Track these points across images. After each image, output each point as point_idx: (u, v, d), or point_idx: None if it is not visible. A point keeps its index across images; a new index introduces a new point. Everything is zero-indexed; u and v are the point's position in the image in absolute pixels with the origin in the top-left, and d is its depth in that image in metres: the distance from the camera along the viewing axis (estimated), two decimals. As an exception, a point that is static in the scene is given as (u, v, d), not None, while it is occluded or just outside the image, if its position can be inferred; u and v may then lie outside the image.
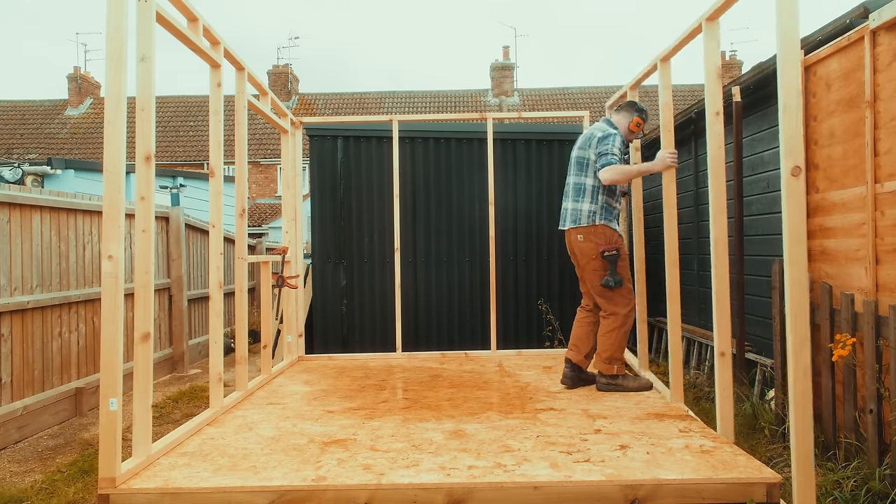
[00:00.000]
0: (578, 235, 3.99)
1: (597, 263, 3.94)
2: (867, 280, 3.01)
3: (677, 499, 2.44)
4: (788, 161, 2.27)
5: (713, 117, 2.98)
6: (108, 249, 2.49)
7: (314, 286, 5.95)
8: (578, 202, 3.99)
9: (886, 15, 2.87)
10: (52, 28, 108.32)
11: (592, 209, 3.94)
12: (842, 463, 2.96)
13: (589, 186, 3.96)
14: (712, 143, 2.95)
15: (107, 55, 2.50)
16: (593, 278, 3.96)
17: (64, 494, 3.08)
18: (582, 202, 3.97)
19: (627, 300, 3.95)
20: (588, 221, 3.94)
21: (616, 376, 3.92)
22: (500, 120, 6.13)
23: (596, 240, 3.94)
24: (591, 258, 3.95)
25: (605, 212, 3.96)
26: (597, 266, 3.94)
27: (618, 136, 3.92)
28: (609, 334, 3.94)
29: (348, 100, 24.47)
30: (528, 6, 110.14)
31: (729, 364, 2.98)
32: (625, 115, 4.12)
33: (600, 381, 3.96)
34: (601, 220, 3.94)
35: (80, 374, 4.74)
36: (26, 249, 4.18)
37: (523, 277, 5.98)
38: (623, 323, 3.93)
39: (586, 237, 3.96)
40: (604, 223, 3.94)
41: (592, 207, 3.94)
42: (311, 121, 5.87)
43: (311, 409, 3.69)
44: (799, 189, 2.25)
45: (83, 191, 9.56)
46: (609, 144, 3.85)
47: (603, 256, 3.91)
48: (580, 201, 3.98)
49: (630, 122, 4.09)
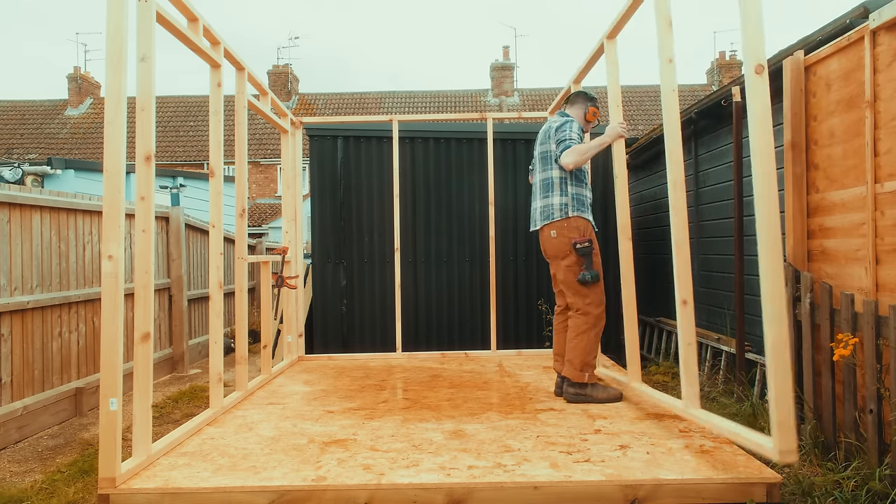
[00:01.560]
0: (552, 231, 3.82)
1: (571, 259, 3.76)
2: (867, 280, 3.01)
3: (677, 499, 2.44)
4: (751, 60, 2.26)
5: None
6: (108, 249, 2.49)
7: (314, 286, 5.95)
8: (548, 197, 3.84)
9: (886, 15, 2.87)
10: (52, 28, 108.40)
11: (564, 201, 3.79)
12: (842, 463, 2.97)
13: (556, 179, 3.81)
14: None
15: (107, 55, 2.50)
16: (568, 275, 3.78)
17: (64, 494, 3.08)
18: (552, 196, 3.82)
19: (601, 299, 3.78)
20: (561, 214, 3.78)
21: (586, 385, 3.70)
22: (500, 120, 6.14)
23: (569, 234, 3.76)
24: (566, 254, 3.78)
25: (577, 202, 3.80)
26: (571, 262, 3.77)
27: (574, 122, 3.83)
28: (581, 336, 3.73)
29: (348, 100, 24.47)
30: (528, 6, 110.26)
31: (692, 314, 2.94)
32: (579, 107, 4.03)
33: (568, 391, 3.74)
34: (574, 211, 3.78)
35: (80, 374, 4.74)
36: (26, 249, 4.18)
37: (523, 277, 5.98)
38: (595, 324, 3.75)
39: (559, 232, 3.79)
40: (577, 214, 3.78)
41: (563, 200, 3.79)
42: (311, 121, 5.88)
43: (311, 409, 3.69)
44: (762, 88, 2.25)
45: (83, 191, 9.57)
46: (566, 131, 3.76)
47: (576, 249, 3.72)
48: (549, 196, 3.84)
49: (586, 113, 4.02)
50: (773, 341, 2.28)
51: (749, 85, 2.39)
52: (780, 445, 2.23)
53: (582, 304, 3.77)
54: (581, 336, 3.73)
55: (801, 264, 3.56)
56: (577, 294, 3.78)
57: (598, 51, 4.04)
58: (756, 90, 2.36)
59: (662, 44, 3.08)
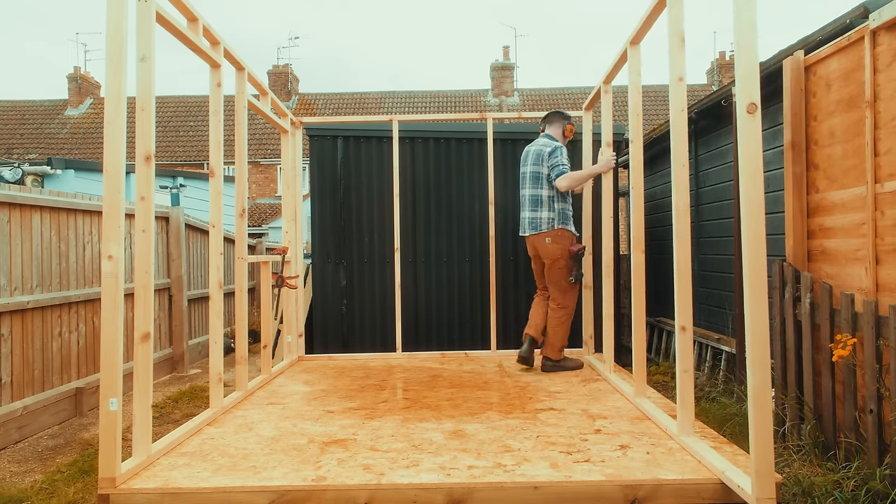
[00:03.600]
0: (547, 239, 4.61)
1: (563, 262, 4.60)
2: (867, 280, 3.01)
3: (677, 499, 2.44)
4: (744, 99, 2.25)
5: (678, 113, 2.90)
6: (108, 249, 2.49)
7: (314, 286, 5.95)
8: (537, 211, 4.65)
9: (886, 15, 2.86)
10: (52, 28, 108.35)
11: (551, 216, 4.60)
12: (842, 463, 2.96)
13: (545, 197, 4.62)
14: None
15: (107, 55, 2.50)
16: (559, 275, 4.63)
17: (64, 494, 3.08)
18: (540, 211, 4.63)
19: (576, 295, 4.73)
20: (548, 227, 4.60)
21: (559, 360, 4.68)
22: (500, 120, 6.13)
23: (563, 242, 4.60)
24: (559, 257, 4.59)
25: (562, 216, 4.62)
26: (562, 265, 4.61)
27: (562, 147, 4.62)
28: (560, 327, 4.65)
29: (348, 100, 24.47)
30: (528, 6, 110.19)
31: (690, 340, 2.93)
32: (557, 126, 4.83)
33: (546, 364, 4.67)
34: (559, 224, 4.60)
35: (80, 374, 4.74)
36: (26, 249, 4.18)
37: (523, 277, 5.97)
38: (570, 315, 4.70)
39: (554, 240, 4.59)
40: (562, 227, 4.61)
41: (550, 215, 4.61)
42: (311, 121, 5.87)
43: (311, 409, 3.69)
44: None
45: (83, 191, 9.56)
46: (558, 157, 4.56)
47: (574, 255, 4.59)
48: (538, 210, 4.64)
49: (564, 130, 4.81)
50: (755, 385, 2.24)
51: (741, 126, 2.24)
52: (757, 493, 2.21)
53: (562, 299, 4.68)
54: (560, 326, 4.67)
55: (802, 264, 3.56)
56: (561, 290, 4.67)
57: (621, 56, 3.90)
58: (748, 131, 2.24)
59: (674, 61, 2.89)
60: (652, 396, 3.75)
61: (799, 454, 3.21)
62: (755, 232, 2.25)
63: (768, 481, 2.20)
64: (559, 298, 4.67)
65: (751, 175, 2.24)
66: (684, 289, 2.94)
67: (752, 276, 2.24)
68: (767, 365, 2.24)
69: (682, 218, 2.92)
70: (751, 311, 2.24)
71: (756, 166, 2.25)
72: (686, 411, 2.93)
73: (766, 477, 2.20)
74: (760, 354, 2.23)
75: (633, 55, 3.68)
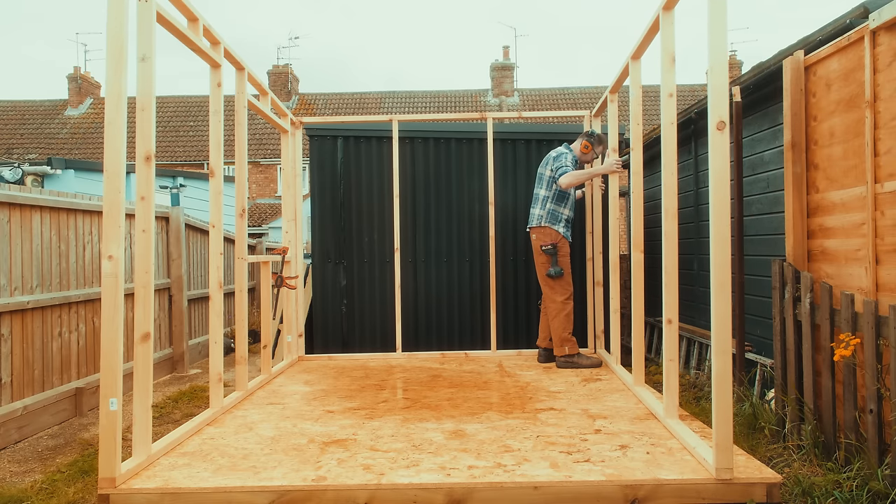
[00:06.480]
0: (533, 235, 5.06)
1: (542, 258, 4.97)
2: (867, 280, 3.01)
3: (677, 499, 2.44)
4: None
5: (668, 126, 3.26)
6: (108, 249, 2.49)
7: (314, 286, 5.95)
8: (535, 208, 5.08)
9: (886, 15, 2.86)
10: (52, 28, 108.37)
11: (541, 214, 5.01)
12: (842, 463, 2.96)
13: (541, 196, 5.04)
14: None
15: (107, 55, 2.50)
16: (540, 270, 5.01)
17: (64, 494, 3.08)
18: (536, 208, 5.06)
19: (564, 289, 4.93)
20: (537, 223, 5.02)
21: (571, 356, 4.84)
22: (500, 120, 6.14)
23: (543, 238, 4.97)
24: (539, 253, 5.00)
25: (551, 216, 4.99)
26: (542, 260, 4.97)
27: (570, 153, 5.02)
28: (554, 320, 4.90)
29: (348, 100, 24.46)
30: (528, 7, 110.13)
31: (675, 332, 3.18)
32: (579, 140, 5.19)
33: (559, 360, 4.89)
34: (545, 222, 4.98)
35: (80, 374, 4.74)
36: (26, 249, 4.18)
37: (523, 277, 5.97)
38: (561, 309, 4.88)
39: (538, 236, 5.00)
40: (547, 225, 4.98)
41: (541, 213, 5.01)
42: (311, 121, 5.88)
43: (311, 409, 3.69)
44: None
45: (83, 191, 9.56)
46: (562, 160, 4.96)
47: (542, 250, 4.95)
48: (535, 207, 5.08)
49: (580, 146, 5.13)
50: (717, 370, 2.50)
51: (711, 141, 2.48)
52: (716, 464, 2.48)
53: (550, 293, 4.97)
54: (553, 320, 4.92)
55: (802, 264, 3.56)
56: (547, 285, 4.99)
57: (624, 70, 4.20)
58: (717, 145, 2.49)
59: (665, 80, 3.18)
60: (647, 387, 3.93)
61: (799, 454, 3.21)
62: (721, 233, 2.51)
63: (727, 454, 2.46)
64: (546, 292, 5.00)
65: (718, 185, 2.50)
66: (671, 285, 3.27)
67: (717, 273, 2.50)
68: (729, 353, 2.51)
69: (670, 220, 3.31)
70: (715, 305, 2.49)
71: (723, 177, 2.51)
72: (671, 396, 3.21)
73: (725, 451, 2.46)
74: (723, 343, 2.50)
75: (633, 69, 3.96)
